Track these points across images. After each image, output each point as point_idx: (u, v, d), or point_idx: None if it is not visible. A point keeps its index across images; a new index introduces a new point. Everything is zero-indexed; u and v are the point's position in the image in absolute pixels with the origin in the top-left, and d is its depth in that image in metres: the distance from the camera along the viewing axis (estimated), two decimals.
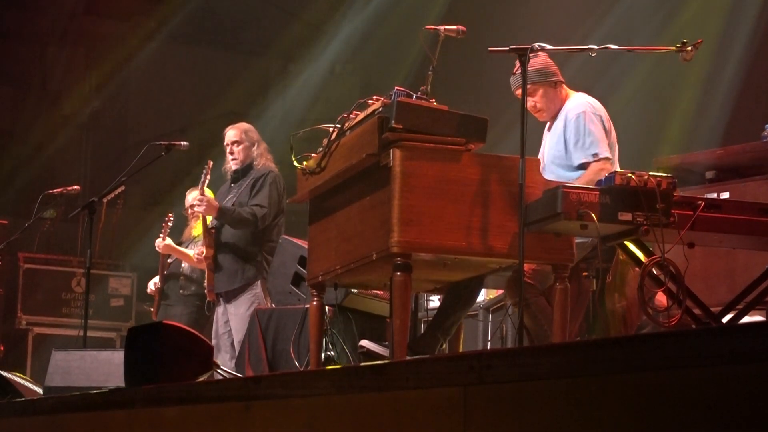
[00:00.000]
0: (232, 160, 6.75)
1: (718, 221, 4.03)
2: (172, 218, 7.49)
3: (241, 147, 6.73)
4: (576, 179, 4.66)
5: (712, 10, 7.91)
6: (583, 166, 4.81)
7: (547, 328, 4.46)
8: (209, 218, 6.78)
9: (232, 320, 6.67)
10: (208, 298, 6.85)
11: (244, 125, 6.88)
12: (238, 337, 6.58)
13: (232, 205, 6.64)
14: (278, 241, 6.67)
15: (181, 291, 7.53)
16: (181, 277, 7.55)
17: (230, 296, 6.69)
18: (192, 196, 7.29)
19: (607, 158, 4.76)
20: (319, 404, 2.70)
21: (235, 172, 6.77)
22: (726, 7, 7.87)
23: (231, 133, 6.78)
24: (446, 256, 4.19)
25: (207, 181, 6.64)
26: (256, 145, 6.76)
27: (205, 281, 6.75)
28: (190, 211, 7.41)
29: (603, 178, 4.03)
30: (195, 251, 7.18)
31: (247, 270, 6.63)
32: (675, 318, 3.95)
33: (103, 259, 9.86)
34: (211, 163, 6.72)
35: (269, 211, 6.56)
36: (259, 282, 6.66)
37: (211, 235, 6.71)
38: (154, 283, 7.67)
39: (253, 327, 6.41)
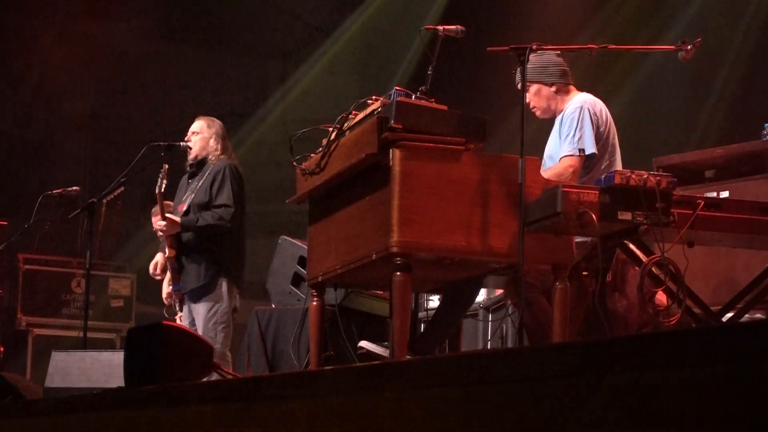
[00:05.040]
0: (189, 148, 6.56)
1: (718, 220, 4.03)
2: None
3: (198, 137, 6.54)
4: (545, 170, 4.63)
5: (711, 9, 7.91)
6: None
7: (547, 327, 4.45)
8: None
9: (197, 320, 6.38)
10: (166, 299, 6.66)
11: (210, 119, 6.65)
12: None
13: (189, 204, 6.42)
14: (240, 235, 6.45)
15: None
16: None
17: (194, 295, 6.39)
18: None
19: (592, 155, 4.72)
20: (320, 404, 2.69)
21: (191, 165, 6.57)
22: (725, 6, 7.87)
23: (194, 124, 6.61)
24: (446, 255, 4.19)
25: (164, 203, 6.43)
26: (214, 139, 6.54)
27: (167, 280, 6.52)
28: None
29: (603, 177, 4.03)
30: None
31: (209, 268, 6.34)
32: (675, 317, 3.95)
33: (103, 260, 9.86)
34: (167, 166, 6.50)
35: (236, 209, 6.34)
36: (224, 281, 6.37)
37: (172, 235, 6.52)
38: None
39: (253, 327, 6.41)
